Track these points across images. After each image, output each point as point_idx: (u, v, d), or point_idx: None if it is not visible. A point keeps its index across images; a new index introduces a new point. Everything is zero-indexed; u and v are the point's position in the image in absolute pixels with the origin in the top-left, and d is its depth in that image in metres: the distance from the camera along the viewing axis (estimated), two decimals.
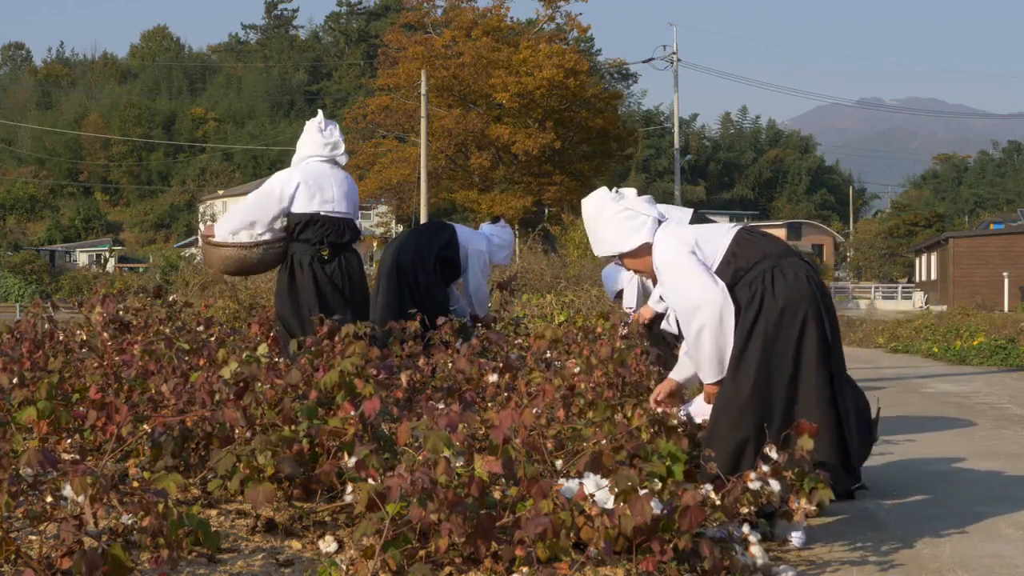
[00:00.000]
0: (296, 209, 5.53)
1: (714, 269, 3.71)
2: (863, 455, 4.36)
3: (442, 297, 6.49)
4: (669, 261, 3.72)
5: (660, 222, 3.83)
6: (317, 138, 5.68)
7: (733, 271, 3.70)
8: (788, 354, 3.60)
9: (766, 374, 3.60)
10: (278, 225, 5.61)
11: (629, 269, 4.00)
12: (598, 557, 2.89)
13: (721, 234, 3.79)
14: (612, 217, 3.85)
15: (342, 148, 5.73)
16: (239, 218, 5.60)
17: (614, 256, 3.88)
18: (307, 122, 5.78)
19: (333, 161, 5.70)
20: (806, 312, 3.63)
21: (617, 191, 4.05)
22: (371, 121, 39.78)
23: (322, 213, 5.53)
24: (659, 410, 3.73)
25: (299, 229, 5.55)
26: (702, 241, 3.73)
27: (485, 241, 6.73)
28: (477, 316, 6.54)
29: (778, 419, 3.59)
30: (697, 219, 5.76)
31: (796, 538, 3.45)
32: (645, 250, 3.77)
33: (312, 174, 5.58)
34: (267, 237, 5.59)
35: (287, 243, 5.62)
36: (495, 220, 7.06)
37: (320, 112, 5.92)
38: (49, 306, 6.02)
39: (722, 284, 3.66)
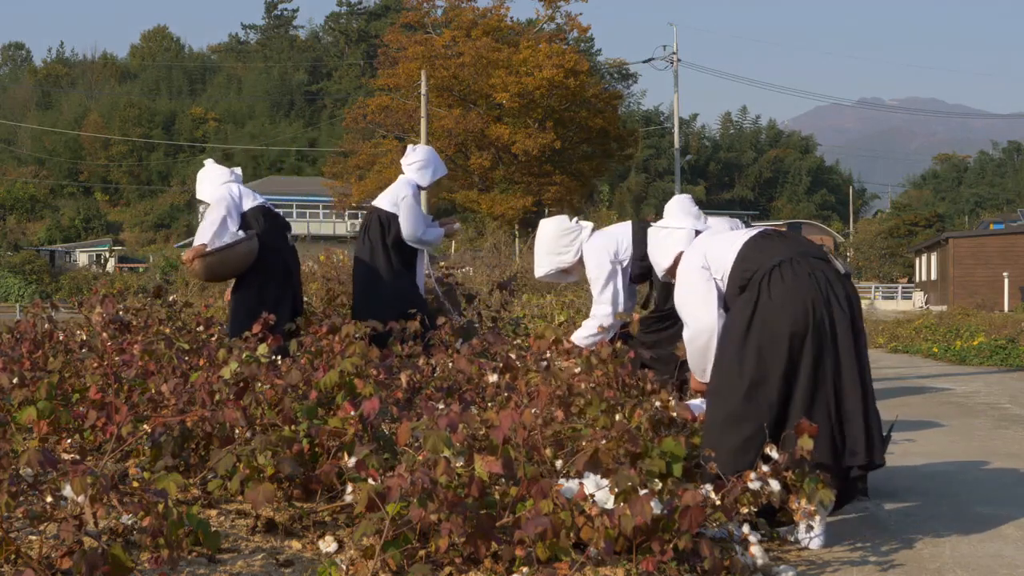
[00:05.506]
0: (247, 207, 6.14)
1: (724, 280, 3.82)
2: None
3: (412, 292, 6.41)
4: (683, 276, 3.99)
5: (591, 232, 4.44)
6: (223, 168, 6.37)
7: (741, 276, 3.75)
8: (781, 353, 3.56)
9: (762, 374, 3.57)
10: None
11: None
12: (598, 557, 2.89)
13: (736, 241, 3.86)
14: (555, 232, 4.50)
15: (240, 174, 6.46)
16: (218, 227, 6.02)
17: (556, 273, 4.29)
18: (202, 171, 6.35)
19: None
20: (807, 309, 3.59)
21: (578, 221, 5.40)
22: (371, 121, 39.77)
23: (266, 205, 6.22)
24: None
25: (260, 221, 6.12)
26: (711, 256, 3.90)
27: (402, 180, 6.60)
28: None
29: (773, 417, 3.56)
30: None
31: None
32: (580, 263, 4.22)
33: (234, 186, 6.21)
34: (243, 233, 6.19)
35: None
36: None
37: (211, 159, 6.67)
38: (49, 306, 6.03)
39: (714, 314, 3.88)
